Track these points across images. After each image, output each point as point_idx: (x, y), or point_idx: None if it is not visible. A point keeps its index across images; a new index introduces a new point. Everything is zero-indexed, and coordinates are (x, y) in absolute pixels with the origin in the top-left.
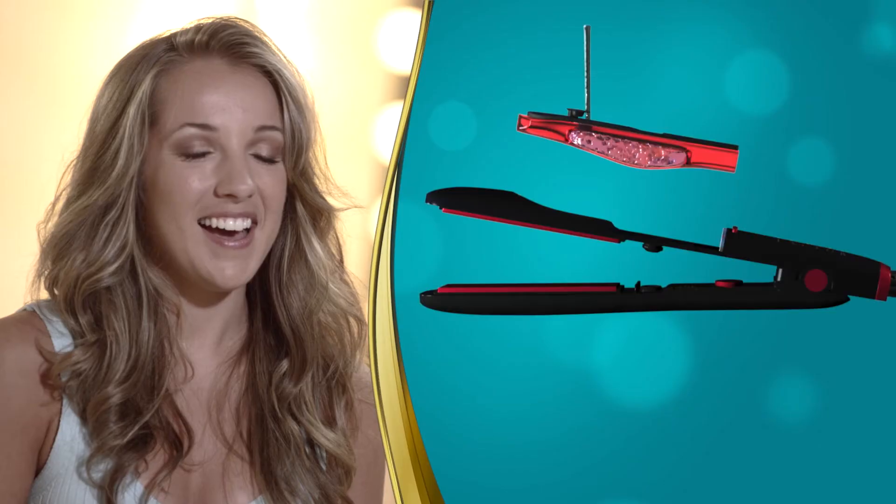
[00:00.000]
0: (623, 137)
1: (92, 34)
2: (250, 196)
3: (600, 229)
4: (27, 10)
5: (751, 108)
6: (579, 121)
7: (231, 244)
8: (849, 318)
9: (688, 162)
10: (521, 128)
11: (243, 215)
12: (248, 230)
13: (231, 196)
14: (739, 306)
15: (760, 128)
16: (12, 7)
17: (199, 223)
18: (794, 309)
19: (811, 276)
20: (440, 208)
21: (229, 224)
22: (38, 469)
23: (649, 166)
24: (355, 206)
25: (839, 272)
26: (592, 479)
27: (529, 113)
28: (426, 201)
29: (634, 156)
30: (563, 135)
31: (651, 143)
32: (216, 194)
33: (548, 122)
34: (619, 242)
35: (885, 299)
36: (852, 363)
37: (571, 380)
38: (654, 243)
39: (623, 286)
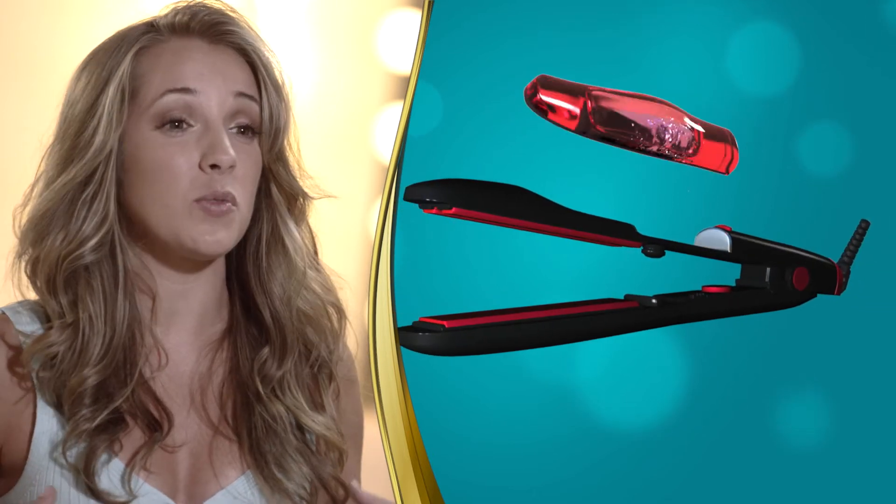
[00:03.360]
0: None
1: (92, 34)
2: (232, 167)
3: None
4: (26, 10)
5: (755, 89)
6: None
7: (215, 209)
8: (858, 321)
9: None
10: (534, 97)
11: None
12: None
13: (215, 167)
14: (738, 312)
15: (765, 111)
16: (12, 7)
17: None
18: (777, 309)
19: (798, 275)
20: (421, 208)
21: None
22: (21, 466)
23: (659, 155)
24: (328, 196)
25: (813, 270)
26: (592, 479)
27: (540, 79)
28: (404, 198)
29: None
30: (573, 111)
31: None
32: (201, 168)
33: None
34: (640, 247)
35: (840, 294)
36: (870, 376)
37: (572, 380)
38: (659, 247)
39: (640, 301)
